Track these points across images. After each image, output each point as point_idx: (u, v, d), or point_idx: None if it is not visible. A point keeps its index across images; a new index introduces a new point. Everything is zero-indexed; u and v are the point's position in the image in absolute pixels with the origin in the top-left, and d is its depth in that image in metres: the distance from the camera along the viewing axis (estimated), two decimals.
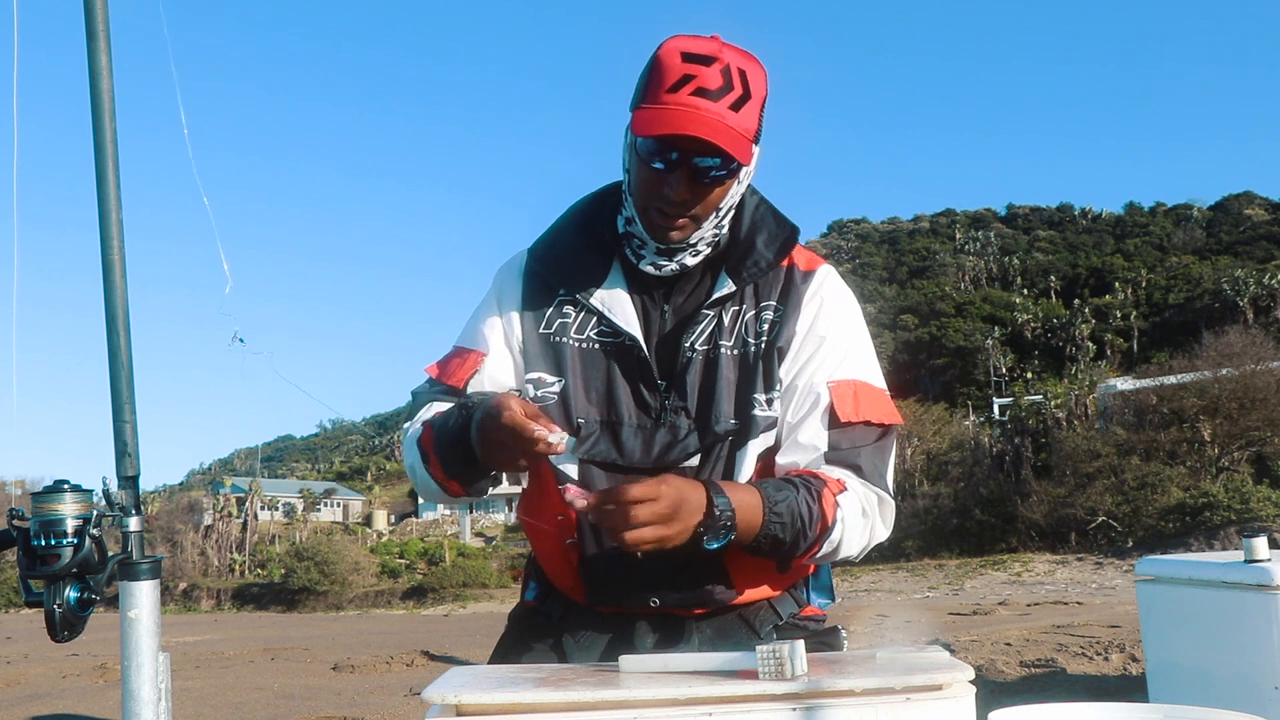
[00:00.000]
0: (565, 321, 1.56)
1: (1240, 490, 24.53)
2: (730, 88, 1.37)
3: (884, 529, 1.49)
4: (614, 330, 1.52)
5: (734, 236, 1.54)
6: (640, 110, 1.40)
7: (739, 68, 1.38)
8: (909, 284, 77.66)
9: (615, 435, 1.50)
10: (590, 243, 1.57)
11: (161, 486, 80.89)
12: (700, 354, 1.50)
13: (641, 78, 1.42)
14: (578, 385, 1.52)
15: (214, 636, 19.12)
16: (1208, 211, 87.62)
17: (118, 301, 1.38)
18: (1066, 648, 8.52)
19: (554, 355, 1.54)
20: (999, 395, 48.70)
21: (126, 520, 1.32)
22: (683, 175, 1.40)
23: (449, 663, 10.68)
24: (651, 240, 1.48)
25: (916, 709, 1.05)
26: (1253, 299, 55.13)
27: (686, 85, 1.36)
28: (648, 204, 1.44)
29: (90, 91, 1.38)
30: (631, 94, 1.45)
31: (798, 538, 1.36)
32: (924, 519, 29.47)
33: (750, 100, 1.39)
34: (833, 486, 1.41)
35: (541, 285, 1.58)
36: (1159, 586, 3.87)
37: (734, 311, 1.52)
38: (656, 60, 1.39)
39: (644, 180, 1.43)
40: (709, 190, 1.42)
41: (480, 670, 1.29)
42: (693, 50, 1.38)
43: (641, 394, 1.51)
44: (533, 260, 1.61)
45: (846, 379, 1.50)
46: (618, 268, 1.56)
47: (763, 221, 1.55)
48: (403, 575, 39.04)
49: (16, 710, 8.38)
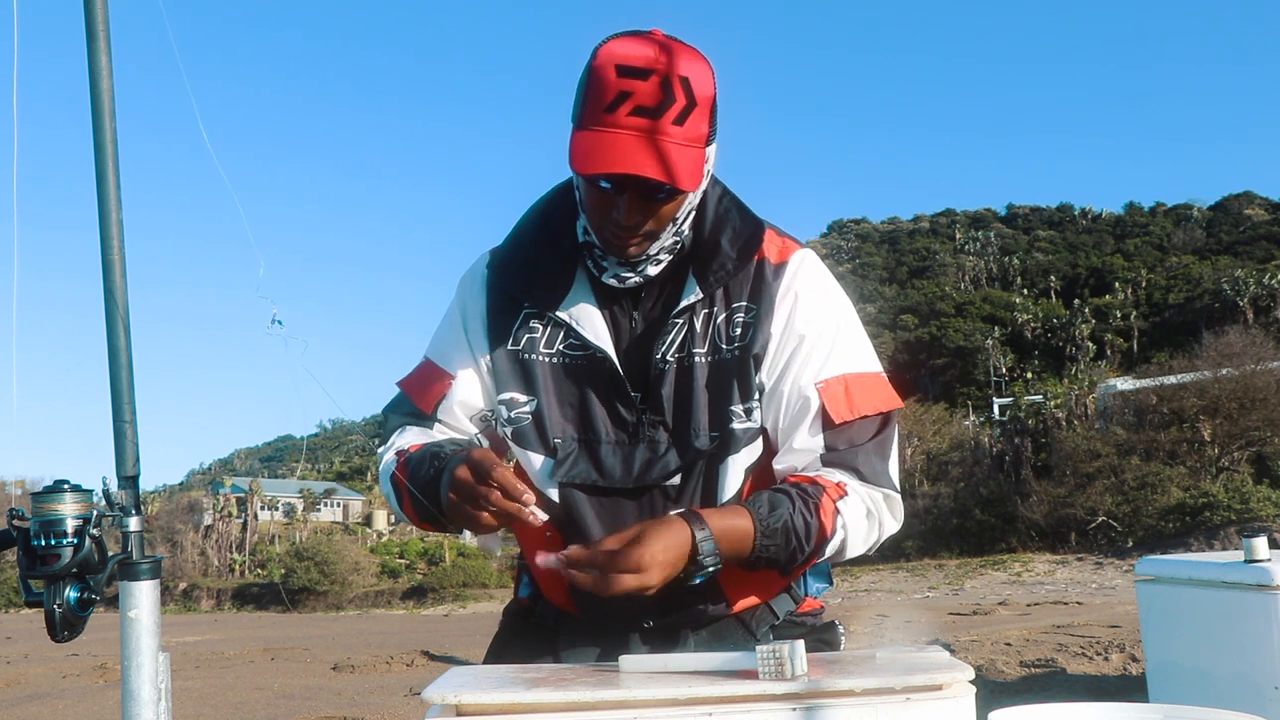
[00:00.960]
0: (533, 337, 1.50)
1: (1240, 490, 24.52)
2: (671, 99, 1.29)
3: (893, 523, 1.45)
4: (583, 344, 1.46)
5: (698, 235, 1.47)
6: (578, 134, 1.32)
7: (679, 75, 1.29)
8: (909, 284, 77.66)
9: (594, 454, 1.45)
10: (552, 252, 1.50)
11: (161, 486, 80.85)
12: (673, 364, 1.44)
13: (578, 89, 1.34)
14: (551, 404, 1.48)
15: (214, 636, 19.13)
16: (1208, 211, 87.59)
17: (118, 301, 1.37)
18: (1066, 648, 8.52)
19: (524, 374, 1.49)
20: (999, 395, 48.69)
21: (126, 520, 1.31)
22: (630, 199, 1.34)
23: (449, 663, 10.68)
24: (611, 255, 1.43)
25: (916, 709, 1.05)
26: (1253, 299, 55.11)
27: (624, 104, 1.28)
28: (601, 225, 1.39)
29: (90, 91, 1.38)
30: (571, 102, 1.37)
31: (794, 553, 1.34)
32: (924, 519, 29.45)
33: (696, 107, 1.31)
34: (832, 493, 1.37)
35: (505, 298, 1.52)
36: (1159, 586, 3.88)
37: (705, 315, 1.45)
38: (592, 72, 1.31)
39: (592, 202, 1.38)
40: (660, 207, 1.36)
41: (480, 670, 1.29)
42: (628, 61, 1.29)
43: (617, 409, 1.45)
44: (494, 273, 1.54)
45: (834, 375, 1.43)
46: (582, 277, 1.49)
47: (726, 217, 1.47)
48: (403, 575, 39.03)
49: (16, 710, 8.38)
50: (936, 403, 43.66)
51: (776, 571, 1.41)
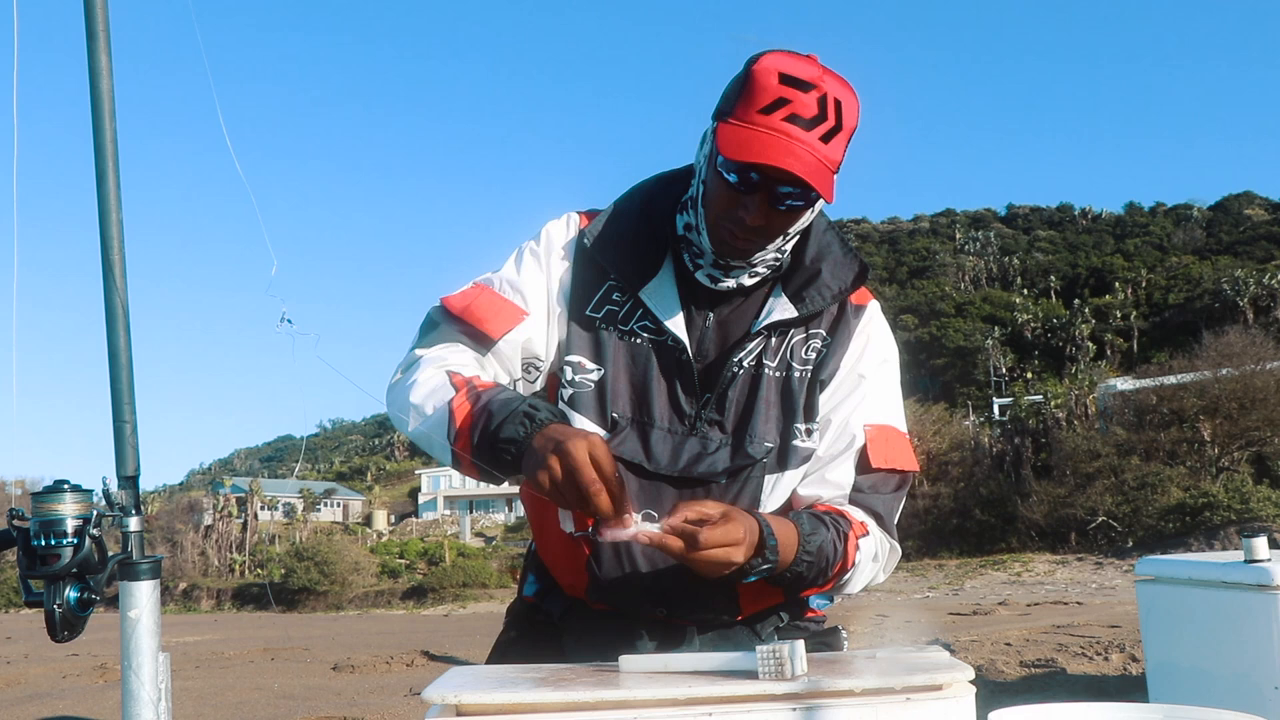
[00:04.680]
0: (613, 309, 1.50)
1: (1240, 490, 24.55)
2: (824, 118, 1.32)
3: (884, 575, 1.54)
4: (658, 328, 1.48)
5: (797, 260, 1.51)
6: (728, 126, 1.35)
7: (835, 97, 1.33)
8: (909, 284, 77.64)
9: (645, 436, 1.46)
10: (648, 235, 1.51)
11: (161, 486, 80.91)
12: (746, 371, 1.47)
13: (732, 90, 1.37)
14: (617, 377, 1.48)
15: (214, 636, 19.13)
16: (1208, 211, 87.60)
17: (118, 301, 1.38)
18: (1066, 648, 8.53)
19: (596, 342, 1.49)
20: (999, 395, 48.75)
21: (126, 520, 1.32)
22: (761, 199, 1.36)
23: (449, 663, 10.68)
24: (711, 253, 1.45)
25: (916, 709, 1.05)
26: (1253, 299, 55.09)
27: (780, 109, 1.31)
28: (720, 220, 1.40)
29: (90, 91, 1.38)
30: (716, 102, 1.40)
31: (818, 576, 1.38)
32: (924, 519, 29.47)
33: (840, 132, 1.34)
34: (857, 530, 1.43)
35: (592, 264, 1.51)
36: (1159, 586, 3.88)
37: (782, 334, 1.49)
38: (751, 76, 1.34)
39: (720, 196, 1.39)
40: (783, 217, 1.39)
41: (480, 670, 1.29)
42: (791, 73, 1.32)
43: (678, 398, 1.47)
44: (586, 236, 1.52)
45: (881, 423, 1.51)
46: (669, 266, 1.51)
47: (829, 250, 1.52)
48: (403, 575, 39.03)
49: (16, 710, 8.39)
50: (936, 403, 43.66)
51: (783, 592, 1.45)
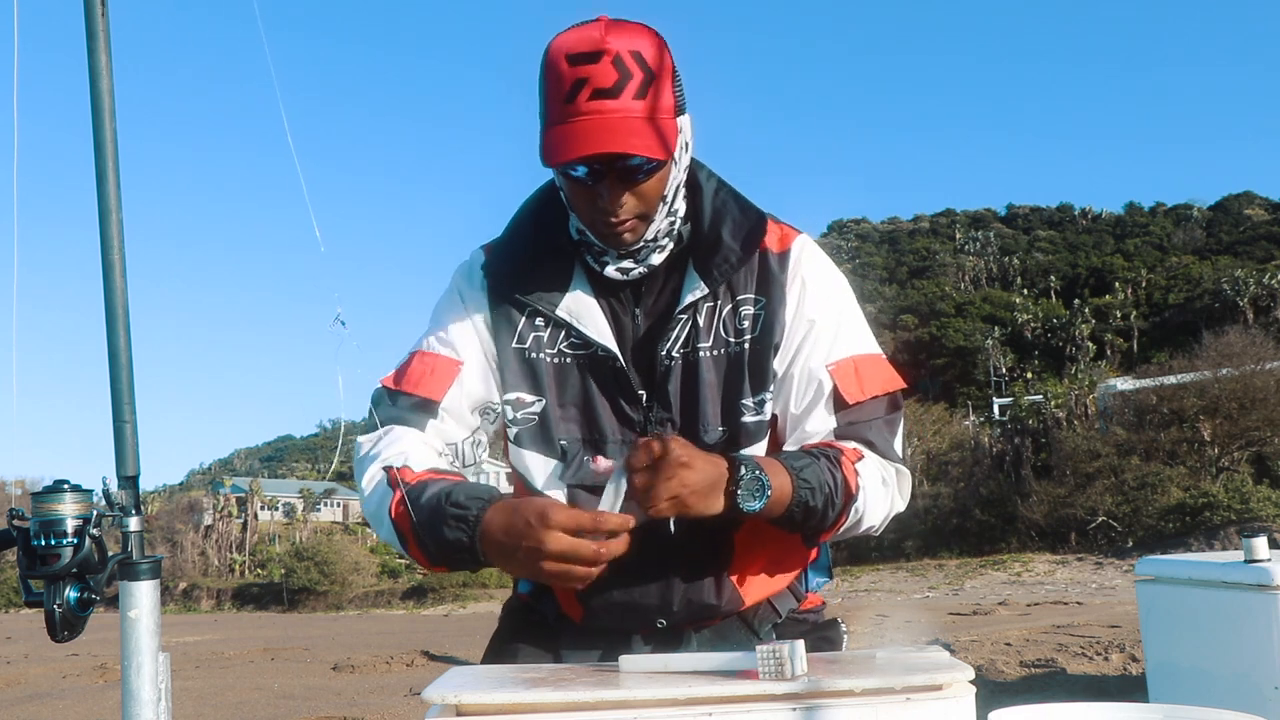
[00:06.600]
0: (539, 335, 1.46)
1: (1240, 490, 24.53)
2: (629, 76, 1.27)
3: (902, 500, 1.45)
4: (585, 341, 1.44)
5: (697, 229, 1.45)
6: (545, 133, 1.31)
7: (629, 50, 1.27)
8: (909, 284, 77.68)
9: (600, 454, 1.42)
10: (548, 252, 1.47)
11: (161, 486, 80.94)
12: (679, 360, 1.43)
13: (539, 90, 1.33)
14: (557, 404, 1.45)
15: (214, 636, 19.14)
16: (1208, 211, 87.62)
17: (118, 301, 1.37)
18: (1066, 648, 8.53)
19: (531, 373, 1.45)
20: (999, 395, 48.70)
21: (126, 520, 1.31)
22: (611, 182, 1.32)
23: (449, 663, 10.68)
24: (609, 247, 1.41)
25: (916, 709, 1.05)
26: (1253, 299, 55.11)
27: (581, 91, 1.27)
28: (592, 217, 1.37)
29: (90, 91, 1.38)
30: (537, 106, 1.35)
31: (827, 505, 1.31)
32: (924, 519, 29.43)
33: (655, 79, 1.29)
34: (850, 455, 1.36)
35: (506, 295, 1.48)
36: (1159, 586, 3.88)
37: (709, 310, 1.43)
38: (546, 69, 1.30)
39: (577, 196, 1.36)
40: (647, 186, 1.34)
41: (480, 670, 1.29)
42: (577, 49, 1.27)
43: (622, 408, 1.43)
44: (490, 270, 1.50)
45: (844, 357, 1.43)
46: (580, 273, 1.47)
47: (725, 210, 1.46)
48: (403, 575, 39.02)
49: (16, 710, 8.39)
50: (936, 403, 43.64)
51: (804, 540, 1.40)
